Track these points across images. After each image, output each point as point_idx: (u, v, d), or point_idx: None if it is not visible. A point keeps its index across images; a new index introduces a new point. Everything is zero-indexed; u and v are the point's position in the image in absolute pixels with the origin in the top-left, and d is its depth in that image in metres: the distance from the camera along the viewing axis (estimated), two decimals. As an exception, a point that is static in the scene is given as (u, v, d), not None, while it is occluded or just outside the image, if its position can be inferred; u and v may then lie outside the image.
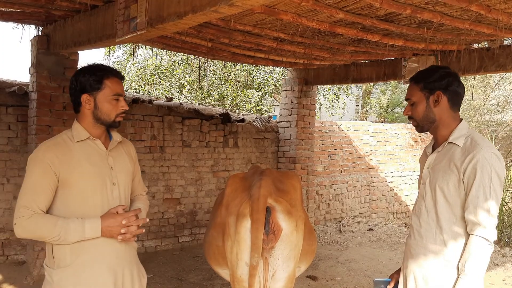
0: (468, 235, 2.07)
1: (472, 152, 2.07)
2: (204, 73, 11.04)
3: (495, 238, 2.04)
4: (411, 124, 2.72)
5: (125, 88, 12.16)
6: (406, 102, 2.35)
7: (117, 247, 2.14)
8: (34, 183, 2.06)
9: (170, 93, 11.74)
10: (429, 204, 2.20)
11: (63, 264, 2.08)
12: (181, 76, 12.22)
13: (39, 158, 2.08)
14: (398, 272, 2.43)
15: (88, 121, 2.17)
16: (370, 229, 7.99)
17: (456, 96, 2.22)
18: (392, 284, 2.40)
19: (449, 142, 2.19)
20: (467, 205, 2.05)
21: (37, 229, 2.02)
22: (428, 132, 2.31)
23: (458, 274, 2.05)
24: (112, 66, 14.41)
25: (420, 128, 2.30)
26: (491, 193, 2.03)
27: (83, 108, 2.16)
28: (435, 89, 2.20)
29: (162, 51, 7.54)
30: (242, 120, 7.14)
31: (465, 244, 2.07)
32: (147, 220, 2.22)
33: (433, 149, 2.32)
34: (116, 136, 2.29)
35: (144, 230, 2.19)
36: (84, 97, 2.14)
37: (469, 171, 2.05)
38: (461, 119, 2.24)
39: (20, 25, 5.06)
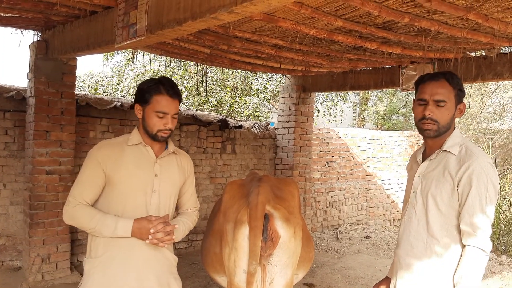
0: (460, 244, 2.04)
1: (468, 161, 2.03)
2: (202, 80, 11.06)
3: (490, 248, 2.01)
4: (408, 132, 2.67)
5: (123, 94, 12.21)
6: (403, 110, 2.30)
7: (146, 252, 2.25)
8: (84, 176, 2.26)
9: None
10: (420, 213, 2.15)
11: (95, 255, 2.25)
12: (179, 82, 12.23)
13: (93, 154, 2.27)
14: (382, 283, 2.42)
15: (141, 129, 2.33)
16: (367, 237, 7.99)
17: None
18: None
19: (443, 150, 2.14)
20: (463, 215, 2.01)
21: (78, 218, 2.21)
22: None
23: (454, 286, 2.01)
24: (110, 72, 14.31)
25: (436, 133, 2.15)
26: (487, 202, 1.99)
27: (138, 116, 2.33)
28: (462, 99, 2.16)
29: (160, 57, 7.55)
30: (240, 127, 7.14)
31: (457, 253, 2.04)
32: (176, 226, 2.26)
33: (424, 156, 2.26)
34: (171, 147, 2.41)
35: (173, 239, 2.25)
36: (137, 107, 2.32)
37: (464, 180, 2.02)
38: (454, 127, 2.20)
39: (19, 30, 5.06)
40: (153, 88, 2.25)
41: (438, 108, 2.11)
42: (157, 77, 2.36)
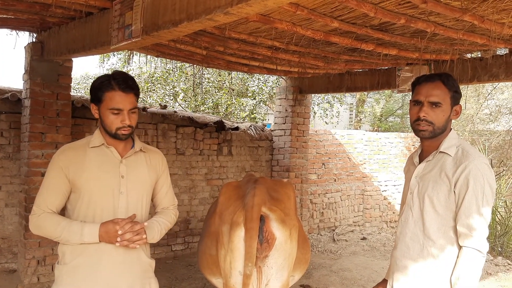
0: (457, 246, 2.03)
1: (464, 162, 2.03)
2: (198, 81, 11.04)
3: (487, 249, 2.00)
4: (404, 133, 2.65)
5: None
6: (399, 112, 2.29)
7: (117, 258, 2.14)
8: (48, 184, 2.17)
9: (164, 101, 11.73)
10: (417, 214, 2.14)
11: (64, 262, 2.17)
12: (175, 84, 12.22)
13: (54, 160, 2.18)
14: (379, 285, 2.40)
15: (102, 129, 2.21)
16: (364, 238, 7.99)
17: None
18: None
19: (440, 152, 2.13)
20: (459, 216, 2.01)
21: (44, 227, 2.13)
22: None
23: (451, 287, 2.00)
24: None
25: (431, 134, 2.15)
26: (484, 204, 1.99)
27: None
28: (459, 101, 2.15)
29: (156, 58, 7.53)
30: (236, 128, 7.14)
31: (453, 255, 2.03)
32: (145, 224, 2.15)
33: (420, 158, 2.25)
34: (138, 145, 2.29)
35: (144, 239, 2.13)
36: (92, 107, 2.21)
37: (461, 181, 2.01)
38: (451, 129, 2.19)
39: (14, 32, 5.04)
40: (104, 85, 2.12)
41: (433, 109, 2.11)
42: (103, 74, 2.23)
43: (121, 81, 2.13)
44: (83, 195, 2.14)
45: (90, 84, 2.21)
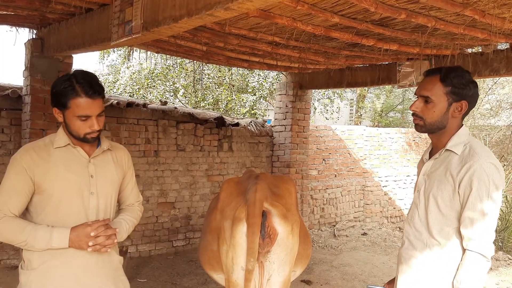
0: (461, 248, 1.97)
1: (469, 162, 1.93)
2: (198, 77, 11.03)
3: (492, 253, 1.92)
4: (405, 129, 2.60)
5: (119, 92, 12.17)
6: (400, 107, 2.24)
7: (87, 261, 2.05)
8: (9, 185, 2.01)
9: (164, 97, 11.72)
10: (422, 213, 2.08)
11: (31, 267, 2.03)
12: (175, 80, 12.21)
13: (17, 160, 2.03)
14: (393, 281, 2.33)
15: (67, 130, 2.10)
16: (364, 233, 8.00)
17: (472, 107, 2.09)
18: None
19: (446, 149, 2.05)
20: (463, 218, 1.93)
21: (5, 233, 1.98)
22: (422, 136, 2.19)
23: None
24: (106, 69, 14.21)
25: (423, 129, 2.10)
26: (489, 206, 1.89)
27: None
28: (462, 98, 2.02)
29: (156, 54, 7.53)
30: (237, 124, 7.14)
31: (457, 256, 1.98)
32: (117, 230, 2.07)
33: (431, 155, 2.17)
34: (104, 143, 2.20)
35: (115, 242, 2.05)
36: (55, 110, 2.08)
37: (465, 182, 1.92)
38: (462, 125, 2.10)
39: (14, 28, 5.03)
40: (68, 91, 1.97)
41: (425, 104, 2.06)
42: (70, 73, 2.08)
43: (87, 86, 1.98)
44: (50, 197, 2.02)
45: (54, 84, 2.06)
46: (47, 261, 2.00)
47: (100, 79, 2.31)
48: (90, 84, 2.00)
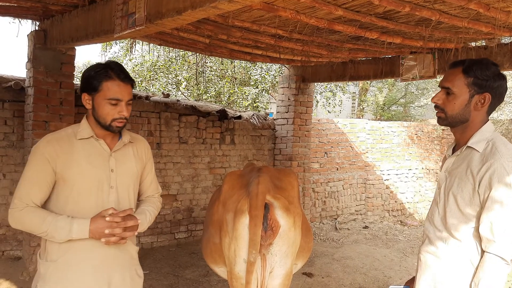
0: (480, 248, 1.92)
1: (490, 160, 1.86)
2: (201, 70, 11.01)
3: None
4: (407, 122, 2.52)
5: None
6: (402, 101, 2.19)
7: (105, 251, 2.07)
8: (31, 175, 2.03)
9: (167, 90, 11.72)
10: (442, 211, 2.03)
11: (50, 258, 2.06)
12: (178, 72, 12.20)
13: (39, 151, 2.04)
14: (413, 279, 2.28)
15: (92, 120, 2.12)
16: (366, 227, 8.02)
17: (499, 102, 2.02)
18: None
19: (467, 146, 1.98)
20: (482, 218, 1.87)
21: (27, 222, 2.00)
22: (425, 130, 2.16)
23: None
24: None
25: (445, 122, 2.05)
26: (509, 208, 1.83)
27: (86, 107, 2.12)
28: (485, 90, 1.96)
29: (159, 47, 7.52)
30: (239, 117, 7.14)
31: (475, 257, 1.93)
32: (139, 221, 2.09)
33: (454, 151, 2.11)
34: (125, 136, 2.21)
35: (135, 233, 2.09)
36: (84, 96, 2.10)
37: (485, 181, 1.86)
38: (487, 120, 2.02)
39: (17, 20, 5.04)
40: (101, 74, 2.02)
41: (447, 96, 2.01)
42: (97, 63, 2.14)
43: (119, 71, 2.06)
44: (71, 189, 2.04)
45: (85, 71, 2.10)
46: (66, 253, 2.03)
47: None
48: (122, 70, 2.08)
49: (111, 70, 2.04)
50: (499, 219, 1.83)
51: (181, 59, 11.91)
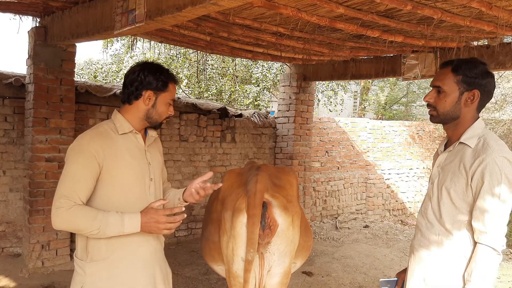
0: (472, 240, 1.98)
1: (482, 155, 1.94)
2: (202, 68, 11.00)
3: (504, 247, 1.92)
4: (408, 122, 2.58)
5: (122, 81, 12.18)
6: (404, 100, 2.24)
7: (152, 244, 2.16)
8: (76, 172, 1.99)
9: (168, 87, 11.68)
10: (435, 205, 2.10)
11: (97, 257, 2.04)
12: (179, 70, 12.18)
13: (83, 147, 2.02)
14: (405, 271, 2.35)
15: (135, 116, 2.16)
16: (366, 226, 8.01)
17: (488, 99, 2.09)
18: (400, 284, 2.34)
19: (460, 142, 2.05)
20: (475, 211, 1.94)
21: (76, 221, 1.95)
22: (426, 129, 2.20)
23: (464, 284, 1.96)
24: (110, 59, 14.20)
25: (437, 120, 2.14)
26: (501, 200, 1.90)
27: (139, 103, 2.14)
28: (474, 87, 2.04)
29: (160, 44, 7.50)
30: (240, 115, 7.12)
31: (468, 249, 1.98)
32: (185, 215, 2.16)
33: (446, 147, 2.18)
34: (152, 132, 2.29)
35: (180, 222, 2.12)
36: (148, 93, 2.13)
37: (477, 175, 1.93)
38: (478, 117, 2.09)
39: (17, 16, 5.01)
40: (170, 75, 2.17)
41: (438, 94, 2.10)
42: (154, 62, 2.24)
43: (174, 75, 2.22)
44: (117, 183, 2.06)
45: (147, 68, 2.15)
46: (116, 250, 2.05)
47: (103, 68, 2.37)
48: (173, 74, 2.24)
49: (171, 73, 2.19)
50: (491, 211, 1.91)
51: (182, 57, 11.89)
